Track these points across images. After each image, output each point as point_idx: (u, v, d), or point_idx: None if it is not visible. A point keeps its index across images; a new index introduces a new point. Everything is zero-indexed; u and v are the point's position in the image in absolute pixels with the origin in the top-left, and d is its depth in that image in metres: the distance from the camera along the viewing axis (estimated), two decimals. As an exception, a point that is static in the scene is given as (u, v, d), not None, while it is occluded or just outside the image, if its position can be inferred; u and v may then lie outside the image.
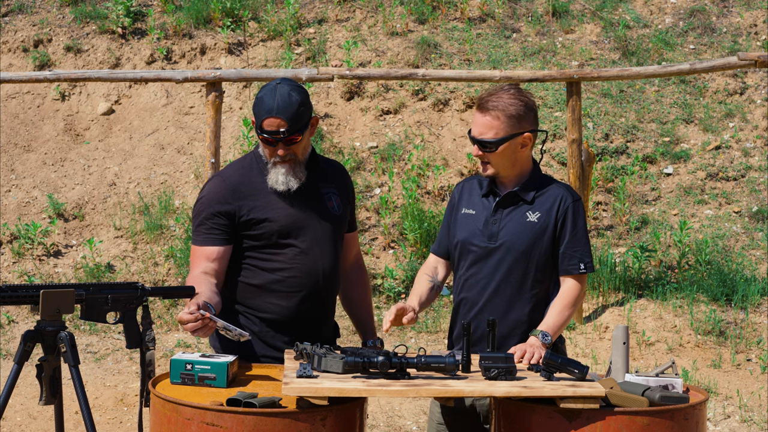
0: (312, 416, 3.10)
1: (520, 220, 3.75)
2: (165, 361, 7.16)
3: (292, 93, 3.70)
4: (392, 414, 6.63)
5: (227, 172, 3.85)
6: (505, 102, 3.68)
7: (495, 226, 3.75)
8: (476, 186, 3.88)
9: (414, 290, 3.90)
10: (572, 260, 3.73)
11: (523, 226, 3.74)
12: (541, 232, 3.73)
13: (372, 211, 8.80)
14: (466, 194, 3.88)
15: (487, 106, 3.68)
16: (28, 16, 10.48)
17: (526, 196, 3.77)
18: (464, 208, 3.85)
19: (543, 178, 3.84)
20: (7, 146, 9.49)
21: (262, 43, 10.27)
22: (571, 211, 3.75)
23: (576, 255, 3.74)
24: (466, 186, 3.92)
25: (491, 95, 3.70)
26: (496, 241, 3.74)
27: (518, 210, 3.76)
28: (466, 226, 3.81)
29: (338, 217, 3.89)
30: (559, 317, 3.69)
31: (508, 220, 3.75)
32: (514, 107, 3.68)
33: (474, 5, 10.59)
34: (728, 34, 10.25)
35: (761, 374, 7.00)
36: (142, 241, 8.63)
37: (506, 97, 3.69)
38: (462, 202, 3.87)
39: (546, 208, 3.75)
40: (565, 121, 8.53)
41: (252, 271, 3.79)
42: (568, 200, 3.77)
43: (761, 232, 8.37)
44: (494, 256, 3.73)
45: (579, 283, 3.75)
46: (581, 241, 3.75)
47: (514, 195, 3.77)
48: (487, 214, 3.78)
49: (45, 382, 3.43)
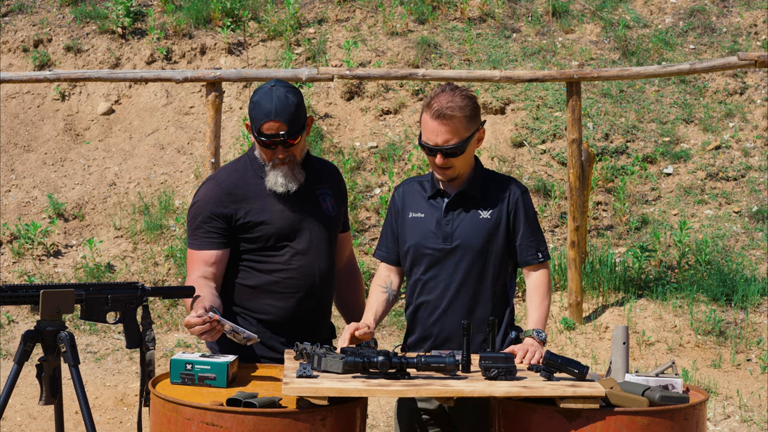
0: (312, 416, 3.10)
1: (473, 218, 3.76)
2: (165, 361, 7.16)
3: (289, 95, 3.69)
4: (392, 414, 6.62)
5: (221, 175, 3.84)
6: (460, 104, 3.67)
7: (449, 227, 3.76)
8: (417, 188, 3.87)
9: (369, 305, 3.87)
10: (530, 251, 3.78)
11: (477, 225, 3.75)
12: (494, 228, 3.75)
13: (372, 211, 8.80)
14: (408, 198, 3.86)
15: (447, 113, 3.66)
16: (28, 16, 10.48)
17: (476, 193, 3.78)
18: (411, 212, 3.83)
19: (486, 174, 3.86)
20: (7, 146, 9.49)
21: (262, 43, 10.28)
22: (522, 204, 3.79)
23: (532, 245, 3.79)
24: (407, 189, 3.89)
25: (443, 100, 3.67)
26: (452, 242, 3.74)
27: (469, 208, 3.77)
28: (416, 231, 3.80)
29: (333, 218, 3.89)
30: (540, 309, 3.74)
31: (460, 219, 3.76)
32: (469, 107, 3.70)
33: (474, 5, 10.59)
34: (728, 34, 10.25)
35: (761, 374, 7.00)
36: (142, 241, 8.63)
37: (458, 99, 3.68)
38: (407, 207, 3.85)
39: (497, 203, 3.77)
40: (565, 121, 8.53)
41: (249, 273, 3.79)
42: (516, 193, 3.80)
43: (761, 232, 8.36)
44: (452, 257, 3.74)
45: (544, 271, 3.80)
46: (535, 232, 3.80)
47: (464, 194, 3.78)
48: (438, 216, 3.77)
49: (45, 382, 3.43)
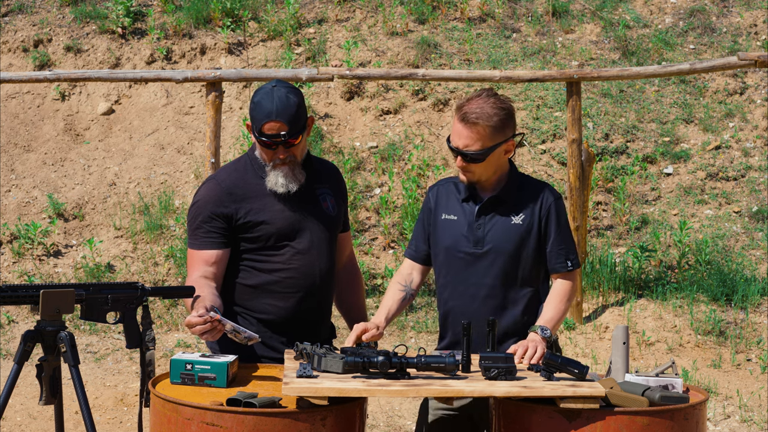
0: (312, 416, 3.10)
1: (505, 223, 3.74)
2: (165, 361, 7.16)
3: (290, 95, 3.69)
4: (392, 414, 6.63)
5: (222, 174, 3.83)
6: (488, 113, 3.63)
7: (480, 231, 3.74)
8: (453, 190, 3.85)
9: (384, 302, 3.85)
10: (559, 258, 3.76)
11: (508, 230, 3.73)
12: (526, 233, 3.74)
13: (372, 211, 8.80)
14: (443, 199, 3.85)
15: (471, 118, 3.63)
16: (28, 16, 10.48)
17: (509, 198, 3.76)
18: (444, 214, 3.81)
19: (521, 178, 3.83)
20: (7, 146, 9.49)
21: (262, 43, 10.28)
22: (554, 210, 3.77)
23: (562, 253, 3.76)
24: (441, 190, 3.88)
25: (473, 104, 3.65)
26: (483, 246, 3.73)
27: (502, 213, 3.75)
28: (449, 233, 3.78)
29: (333, 218, 3.89)
30: (554, 311, 3.71)
31: (492, 224, 3.74)
32: (497, 117, 3.65)
33: (474, 5, 10.59)
34: (728, 34, 10.26)
35: (761, 374, 7.00)
36: (142, 241, 8.63)
37: (488, 107, 3.64)
38: (440, 207, 3.83)
39: (529, 209, 3.75)
40: (565, 121, 8.53)
41: (249, 273, 3.79)
42: (549, 199, 3.78)
43: (761, 232, 8.36)
44: (482, 261, 3.73)
45: (569, 279, 3.77)
46: (566, 239, 3.78)
47: (496, 199, 3.76)
48: (470, 220, 3.76)
49: (45, 382, 3.43)
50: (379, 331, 3.69)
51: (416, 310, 7.87)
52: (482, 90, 3.70)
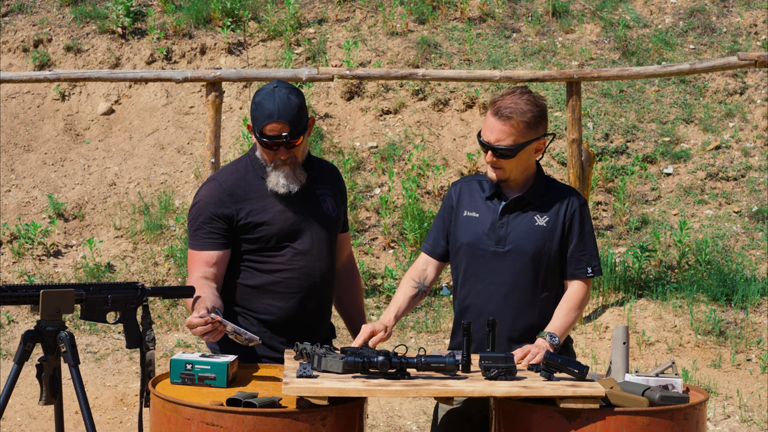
0: (312, 416, 3.10)
1: (529, 224, 3.72)
2: (165, 361, 7.16)
3: (291, 96, 3.69)
4: (392, 414, 6.63)
5: (222, 175, 3.83)
6: (522, 108, 3.62)
7: (503, 230, 3.71)
8: (477, 187, 3.82)
9: (395, 299, 3.82)
10: (580, 264, 3.73)
11: (531, 230, 3.71)
12: (549, 235, 3.71)
13: (372, 211, 8.80)
14: (466, 195, 3.82)
15: (505, 113, 3.61)
16: (28, 16, 10.48)
17: (534, 200, 3.74)
18: (466, 211, 3.79)
19: (548, 181, 3.81)
20: (7, 146, 9.49)
21: (262, 43, 10.28)
22: (578, 215, 3.74)
23: (584, 259, 3.74)
24: (464, 187, 3.85)
25: (507, 100, 3.63)
26: (505, 245, 3.70)
27: (526, 214, 3.73)
28: (470, 230, 3.76)
29: (333, 219, 3.89)
30: (565, 319, 3.67)
31: (516, 224, 3.72)
32: (531, 113, 3.63)
33: (474, 5, 10.59)
34: (728, 34, 10.26)
35: (761, 374, 7.00)
36: (142, 241, 8.63)
37: (522, 103, 3.63)
38: (462, 204, 3.81)
39: (553, 211, 3.73)
40: (565, 121, 8.53)
41: (249, 273, 3.79)
42: (575, 204, 3.75)
43: (761, 232, 8.36)
44: (503, 260, 3.70)
45: (585, 286, 3.75)
46: (589, 245, 3.75)
47: (522, 199, 3.74)
48: (494, 218, 3.73)
49: (45, 382, 3.43)
50: (388, 332, 3.67)
51: (416, 309, 7.86)
52: (516, 87, 3.69)
